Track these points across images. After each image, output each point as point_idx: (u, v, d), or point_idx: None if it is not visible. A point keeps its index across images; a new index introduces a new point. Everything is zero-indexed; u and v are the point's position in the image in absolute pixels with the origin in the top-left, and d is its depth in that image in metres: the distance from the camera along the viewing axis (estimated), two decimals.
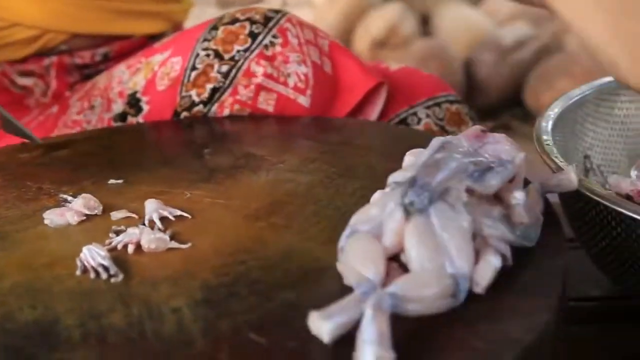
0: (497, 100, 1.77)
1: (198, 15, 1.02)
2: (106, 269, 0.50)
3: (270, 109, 0.76)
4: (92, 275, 0.49)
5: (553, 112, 0.64)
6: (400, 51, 1.83)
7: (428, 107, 0.84)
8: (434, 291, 0.43)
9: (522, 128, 1.63)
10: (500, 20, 1.92)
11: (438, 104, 0.84)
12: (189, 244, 0.53)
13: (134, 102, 0.80)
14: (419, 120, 0.83)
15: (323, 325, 0.41)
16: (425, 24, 1.98)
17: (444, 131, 0.83)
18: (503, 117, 1.74)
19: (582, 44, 0.51)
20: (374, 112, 0.82)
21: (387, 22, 1.90)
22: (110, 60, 0.89)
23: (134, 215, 0.56)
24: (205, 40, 0.79)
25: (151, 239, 0.51)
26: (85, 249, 0.51)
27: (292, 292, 0.47)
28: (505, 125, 1.66)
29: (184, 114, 0.78)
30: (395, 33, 1.89)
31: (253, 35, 0.77)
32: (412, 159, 0.53)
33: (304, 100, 0.76)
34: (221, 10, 2.02)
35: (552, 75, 1.63)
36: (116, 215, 0.57)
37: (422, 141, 0.66)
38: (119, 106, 0.80)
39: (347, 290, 0.45)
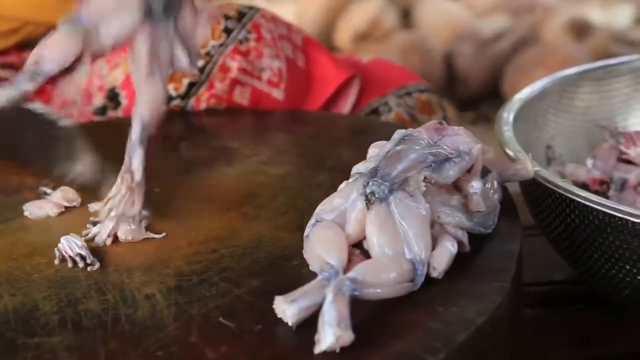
0: (477, 91, 1.80)
1: None
2: (83, 258, 0.52)
3: (245, 102, 0.79)
4: (70, 264, 0.52)
5: (515, 103, 0.67)
6: (382, 44, 1.85)
7: (399, 97, 0.86)
8: (393, 276, 0.46)
9: None
10: (479, 12, 1.94)
11: (409, 93, 0.86)
12: (163, 234, 0.55)
13: (113, 96, 0.82)
14: (390, 109, 0.85)
15: (287, 309, 0.44)
16: (406, 16, 2.01)
17: (414, 120, 0.85)
18: (482, 108, 1.76)
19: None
20: (346, 105, 0.84)
21: (369, 15, 1.92)
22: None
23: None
24: None
25: (127, 231, 0.54)
26: (63, 239, 0.53)
27: (260, 278, 0.49)
28: (484, 115, 1.68)
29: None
30: (377, 26, 1.91)
31: (228, 31, 0.79)
32: (376, 150, 0.55)
33: (278, 94, 0.79)
34: (201, 3, 2.03)
35: (529, 67, 1.66)
36: (93, 207, 0.59)
37: (389, 133, 0.69)
38: (99, 100, 0.82)
39: (312, 276, 0.48)
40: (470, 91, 1.80)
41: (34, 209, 0.59)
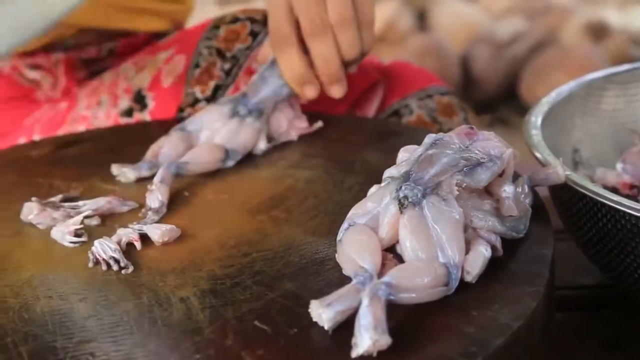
0: (493, 94, 1.80)
1: (197, 13, 1.04)
2: (117, 261, 0.52)
3: None
4: (104, 267, 0.52)
5: (542, 107, 0.67)
6: (397, 47, 1.86)
7: (420, 99, 0.86)
8: (427, 280, 0.46)
9: (518, 122, 1.65)
10: (495, 15, 1.94)
11: (430, 96, 0.87)
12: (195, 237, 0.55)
13: (139, 99, 0.82)
14: (411, 111, 0.85)
15: (323, 313, 0.44)
16: (421, 19, 2.01)
17: (435, 122, 0.85)
18: (499, 111, 1.76)
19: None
20: (371, 108, 0.84)
21: (384, 17, 1.92)
22: (115, 56, 0.92)
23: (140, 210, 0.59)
24: (207, 38, 0.81)
25: (163, 232, 0.54)
26: (96, 243, 0.53)
27: (293, 282, 0.49)
28: (501, 118, 1.68)
29: (188, 110, 0.80)
30: (392, 29, 1.92)
31: (253, 34, 0.80)
32: (406, 154, 0.56)
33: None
34: (220, 8, 2.04)
35: (547, 69, 1.66)
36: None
37: (414, 137, 0.69)
38: (125, 102, 0.83)
39: (345, 280, 0.48)
40: (487, 94, 1.80)
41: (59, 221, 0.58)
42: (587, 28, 1.80)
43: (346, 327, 0.44)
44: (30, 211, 0.58)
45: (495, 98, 1.78)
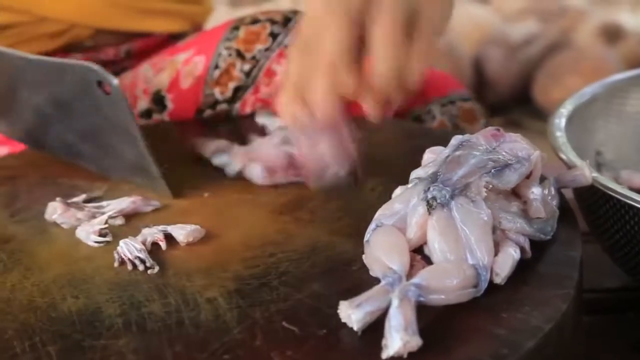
0: (507, 96, 1.79)
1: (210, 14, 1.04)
2: (142, 261, 0.52)
3: None
4: (130, 267, 0.52)
5: (565, 109, 0.67)
6: None
7: (443, 105, 0.86)
8: (456, 282, 0.46)
9: (532, 124, 1.65)
10: (508, 17, 1.94)
11: (452, 102, 0.86)
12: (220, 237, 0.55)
13: (158, 100, 0.82)
14: (434, 117, 0.85)
15: (352, 314, 0.44)
16: None
17: (457, 128, 0.85)
18: (512, 113, 1.76)
19: None
20: (390, 110, 0.84)
21: None
22: (132, 58, 0.92)
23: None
24: (227, 39, 0.81)
25: (188, 232, 0.54)
26: (122, 242, 0.53)
27: (320, 283, 0.49)
28: (514, 121, 1.68)
29: (208, 111, 0.80)
30: None
31: (273, 35, 0.80)
32: (432, 156, 0.55)
33: None
34: (232, 9, 2.04)
35: (561, 72, 1.65)
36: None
37: (436, 138, 0.69)
38: (144, 103, 0.83)
39: (373, 281, 0.48)
40: (500, 96, 1.80)
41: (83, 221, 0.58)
42: (601, 30, 1.80)
43: (375, 328, 0.44)
44: (55, 211, 0.58)
45: (508, 100, 1.77)
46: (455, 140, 0.53)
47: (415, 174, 0.52)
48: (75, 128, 0.66)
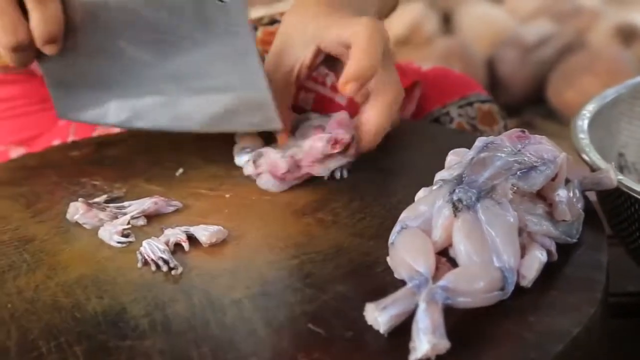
0: (520, 98, 1.78)
1: None
2: (166, 262, 0.52)
3: (308, 107, 0.79)
4: (153, 268, 0.52)
5: (588, 111, 0.66)
6: (423, 50, 1.85)
7: (460, 107, 0.85)
8: (483, 284, 0.45)
9: (546, 126, 1.65)
10: (522, 17, 1.93)
11: (470, 104, 0.86)
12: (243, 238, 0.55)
13: None
14: (452, 119, 0.85)
15: (379, 317, 0.44)
16: (447, 22, 2.00)
17: (475, 130, 0.85)
18: (526, 114, 1.75)
19: None
20: (408, 111, 0.84)
21: (409, 20, 1.91)
22: None
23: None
24: None
25: (211, 233, 0.54)
26: (145, 243, 0.53)
27: (344, 285, 0.49)
28: (528, 122, 1.67)
29: None
30: (417, 32, 1.91)
31: None
32: (456, 158, 0.55)
33: (341, 99, 0.78)
34: None
35: (575, 73, 1.64)
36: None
37: (457, 140, 0.68)
38: None
39: (398, 283, 0.47)
40: (513, 98, 1.79)
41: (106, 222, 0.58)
42: (616, 31, 1.79)
43: (401, 331, 0.43)
44: (77, 211, 0.58)
45: (521, 102, 1.77)
46: (480, 142, 0.53)
47: (439, 175, 0.52)
48: (175, 63, 0.60)
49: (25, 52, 0.62)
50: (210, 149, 0.73)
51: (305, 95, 0.79)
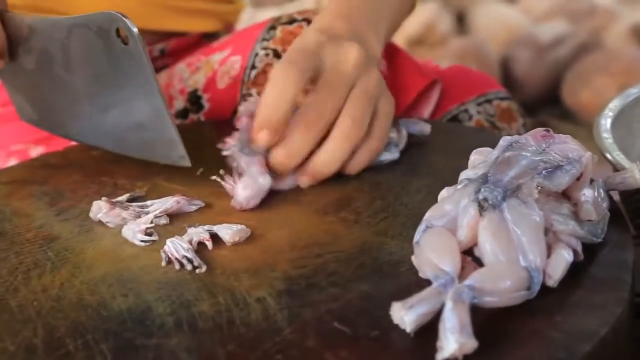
0: (535, 98, 1.78)
1: None
2: (190, 260, 0.52)
3: None
4: (177, 266, 0.52)
5: (611, 110, 0.66)
6: (437, 50, 1.84)
7: (479, 104, 0.85)
8: (509, 284, 0.45)
9: (561, 126, 1.64)
10: (536, 17, 1.92)
11: (489, 101, 0.86)
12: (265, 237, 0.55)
13: (194, 100, 0.82)
14: (470, 116, 0.85)
15: (405, 316, 0.44)
16: (461, 21, 1.99)
17: (494, 127, 0.84)
18: (541, 115, 1.74)
19: None
20: (427, 110, 0.84)
21: (423, 20, 1.91)
22: (166, 57, 0.92)
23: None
24: (264, 40, 0.81)
25: (234, 232, 0.54)
26: (169, 242, 0.53)
27: (369, 284, 0.49)
28: (543, 123, 1.66)
29: None
30: (431, 32, 1.90)
31: None
32: (479, 157, 0.55)
33: None
34: (254, 9, 2.04)
35: (591, 73, 1.63)
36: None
37: (478, 139, 0.68)
38: (180, 103, 0.83)
39: (422, 282, 0.47)
40: (528, 98, 1.78)
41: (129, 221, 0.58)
42: (632, 31, 1.78)
43: (426, 330, 0.43)
44: (100, 210, 0.59)
45: (536, 102, 1.76)
46: (504, 141, 0.53)
47: (464, 174, 0.52)
48: (94, 93, 0.65)
49: None
50: None
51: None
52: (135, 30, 0.59)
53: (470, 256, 0.49)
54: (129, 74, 0.61)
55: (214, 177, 0.62)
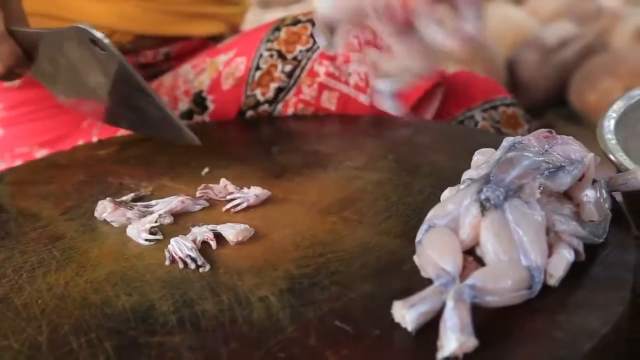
0: (541, 100, 1.77)
1: None
2: (193, 259, 0.52)
3: (332, 107, 0.79)
4: (181, 265, 0.52)
5: (614, 112, 0.66)
6: None
7: (484, 110, 0.85)
8: (510, 283, 0.45)
9: (567, 128, 1.63)
10: (543, 19, 1.92)
11: (494, 107, 0.86)
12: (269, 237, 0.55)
13: (199, 101, 0.83)
14: (476, 123, 0.85)
15: (407, 314, 0.44)
16: None
17: (500, 133, 0.85)
18: (547, 116, 1.74)
19: None
20: (429, 111, 0.84)
21: None
22: (171, 60, 0.93)
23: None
24: (268, 41, 0.82)
25: (238, 232, 0.54)
26: (172, 241, 0.54)
27: (371, 283, 0.49)
28: (549, 125, 1.65)
29: (250, 112, 0.80)
30: None
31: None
32: (482, 158, 0.55)
33: (364, 99, 0.79)
34: (262, 10, 2.05)
35: (597, 75, 1.63)
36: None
37: (480, 140, 0.68)
38: (185, 104, 0.83)
39: (424, 281, 0.48)
40: (534, 99, 1.78)
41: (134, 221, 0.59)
42: (638, 33, 1.77)
43: (427, 329, 0.44)
44: (105, 209, 0.59)
45: (542, 104, 1.75)
46: (507, 142, 0.53)
47: (467, 175, 0.52)
48: (102, 90, 0.67)
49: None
50: (235, 150, 0.74)
51: (329, 95, 0.79)
52: (99, 35, 0.61)
53: (472, 256, 0.49)
54: (115, 77, 0.64)
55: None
